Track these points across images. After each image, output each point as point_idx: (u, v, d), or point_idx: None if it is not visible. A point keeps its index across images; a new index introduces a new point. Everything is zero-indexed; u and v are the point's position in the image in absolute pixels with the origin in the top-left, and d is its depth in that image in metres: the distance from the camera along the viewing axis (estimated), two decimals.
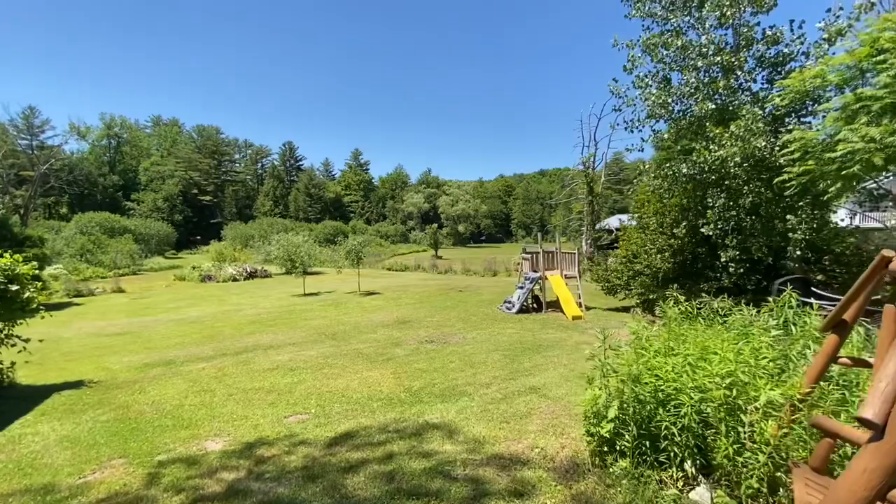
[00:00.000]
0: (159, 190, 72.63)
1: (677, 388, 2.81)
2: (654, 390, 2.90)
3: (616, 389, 3.08)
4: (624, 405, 2.98)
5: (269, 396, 6.16)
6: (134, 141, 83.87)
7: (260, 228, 56.45)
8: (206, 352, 9.84)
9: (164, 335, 12.09)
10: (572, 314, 12.44)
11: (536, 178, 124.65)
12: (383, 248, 56.60)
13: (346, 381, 6.89)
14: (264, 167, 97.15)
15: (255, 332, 12.04)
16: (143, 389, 6.85)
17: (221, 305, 17.81)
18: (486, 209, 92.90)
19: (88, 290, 24.30)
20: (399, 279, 26.92)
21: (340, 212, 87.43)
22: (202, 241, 68.51)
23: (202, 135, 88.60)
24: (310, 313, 14.78)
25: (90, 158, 76.07)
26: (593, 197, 25.31)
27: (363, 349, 9.26)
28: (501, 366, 7.58)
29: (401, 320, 12.73)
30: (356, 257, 20.62)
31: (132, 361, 9.13)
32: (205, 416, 5.42)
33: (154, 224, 55.12)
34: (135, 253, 40.97)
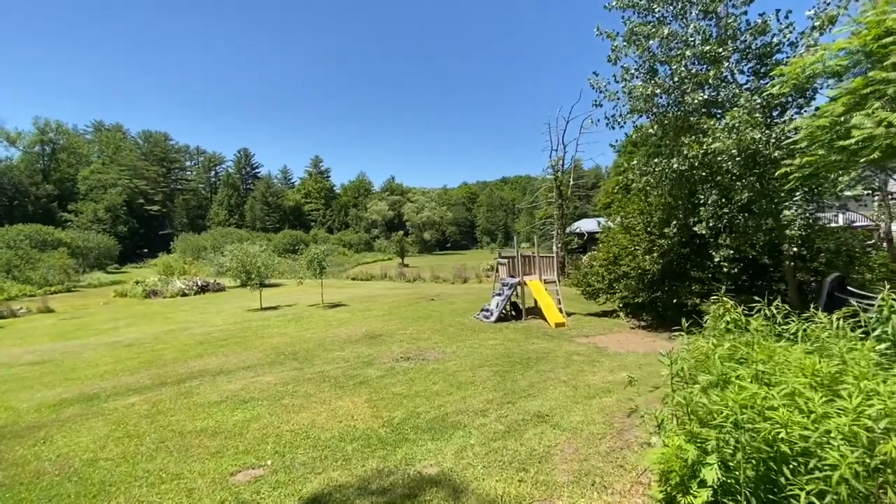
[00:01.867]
0: (100, 200, 67.31)
1: (814, 437, 1.94)
2: (770, 440, 2.04)
3: (714, 439, 2.19)
4: (729, 463, 2.12)
5: (213, 442, 4.90)
6: (72, 147, 77.44)
7: (213, 239, 53.13)
8: (140, 381, 8.33)
9: (92, 362, 10.35)
10: (555, 321, 11.73)
11: (499, 185, 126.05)
12: (347, 257, 54.68)
13: (311, 414, 5.72)
14: (218, 175, 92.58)
15: (202, 354, 10.53)
16: (50, 438, 5.40)
17: (166, 324, 15.93)
18: (451, 216, 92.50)
19: (10, 311, 21.41)
20: (365, 289, 25.56)
21: (300, 221, 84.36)
22: (149, 253, 63.99)
23: (149, 141, 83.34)
24: (267, 330, 13.32)
25: (20, 166, 69.52)
26: (563, 200, 25.08)
27: (330, 371, 8.07)
28: (493, 386, 6.64)
29: (371, 334, 11.58)
30: (319, 267, 19.17)
31: (45, 398, 7.51)
32: (123, 476, 4.13)
33: (93, 236, 50.74)
34: (69, 268, 37.22)
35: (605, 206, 38.57)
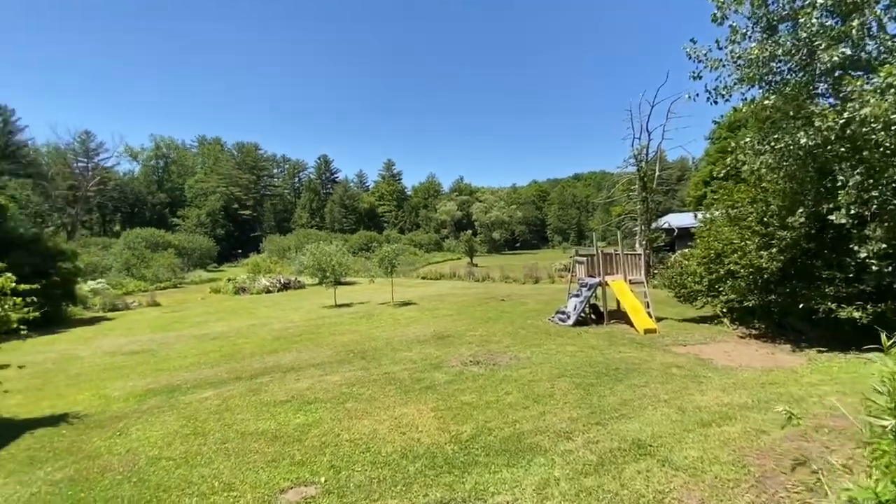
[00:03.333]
0: (202, 206, 74.92)
1: None
2: None
3: None
4: None
5: (271, 447, 4.61)
6: (180, 160, 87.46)
7: (296, 240, 56.65)
8: (218, 375, 8.55)
9: (181, 354, 10.99)
10: (644, 326, 10.38)
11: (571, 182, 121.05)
12: (417, 256, 55.42)
13: (373, 422, 5.28)
14: (301, 181, 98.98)
15: (277, 349, 10.73)
16: (126, 430, 5.51)
17: (249, 319, 16.80)
18: (520, 215, 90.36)
19: (124, 304, 24.16)
20: (434, 288, 25.35)
21: (374, 222, 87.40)
22: (242, 253, 69.81)
23: (242, 151, 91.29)
24: (339, 327, 13.39)
25: (140, 178, 79.73)
26: (647, 193, 22.86)
27: (396, 373, 7.65)
28: (576, 401, 5.74)
29: (439, 335, 11.08)
30: (389, 265, 19.22)
31: (134, 387, 7.93)
32: (178, 480, 3.94)
33: (197, 238, 56.39)
34: (176, 266, 41.60)
35: (697, 200, 34.95)
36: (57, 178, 60.31)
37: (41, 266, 18.08)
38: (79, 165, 66.73)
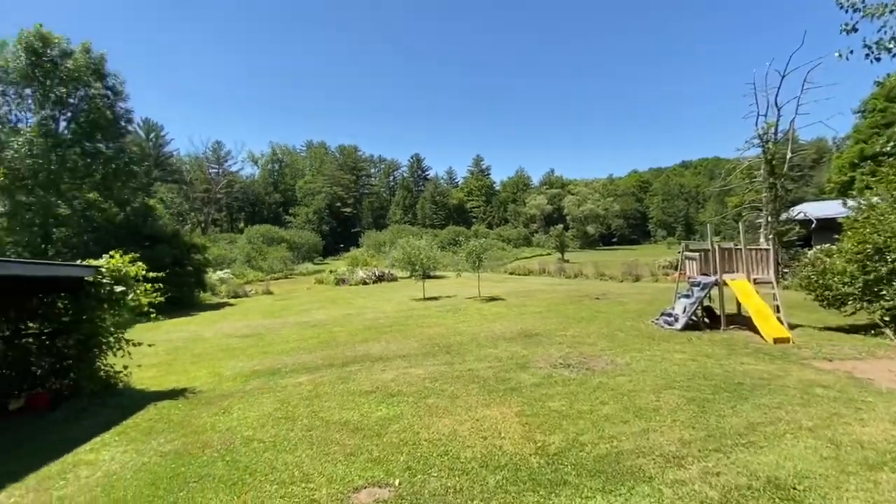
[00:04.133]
0: (310, 204, 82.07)
1: None
2: None
3: None
4: None
5: (352, 440, 4.59)
6: (292, 163, 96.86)
7: (391, 235, 59.38)
8: (314, 361, 9.02)
9: (285, 339, 11.89)
10: (774, 335, 8.76)
11: (678, 170, 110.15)
12: (505, 251, 54.61)
13: (453, 422, 5.02)
14: (395, 179, 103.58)
15: (368, 339, 11.08)
16: (229, 409, 5.95)
17: (346, 308, 17.77)
18: (617, 208, 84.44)
19: (244, 292, 27.25)
20: (522, 284, 24.60)
21: (463, 217, 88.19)
22: (344, 248, 75.08)
23: (343, 153, 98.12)
24: (426, 320, 13.49)
25: (259, 181, 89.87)
26: (776, 179, 19.55)
27: (480, 371, 7.34)
28: (689, 419, 4.90)
29: (526, 332, 10.54)
30: (477, 260, 19.01)
31: (243, 368, 8.68)
32: (264, 465, 4.07)
33: (305, 234, 61.91)
34: (287, 259, 46.15)
35: (842, 187, 29.31)
36: (195, 182, 70.43)
37: (179, 257, 21.08)
38: (211, 171, 77.15)
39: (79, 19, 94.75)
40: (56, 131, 19.67)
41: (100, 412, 6.06)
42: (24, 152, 17.93)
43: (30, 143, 18.00)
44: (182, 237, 23.10)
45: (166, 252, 20.14)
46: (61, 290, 6.76)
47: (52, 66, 18.93)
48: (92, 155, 20.37)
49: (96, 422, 5.65)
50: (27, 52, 18.46)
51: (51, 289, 6.75)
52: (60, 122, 20.02)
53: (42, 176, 18.75)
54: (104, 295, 6.60)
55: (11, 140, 18.04)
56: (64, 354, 6.73)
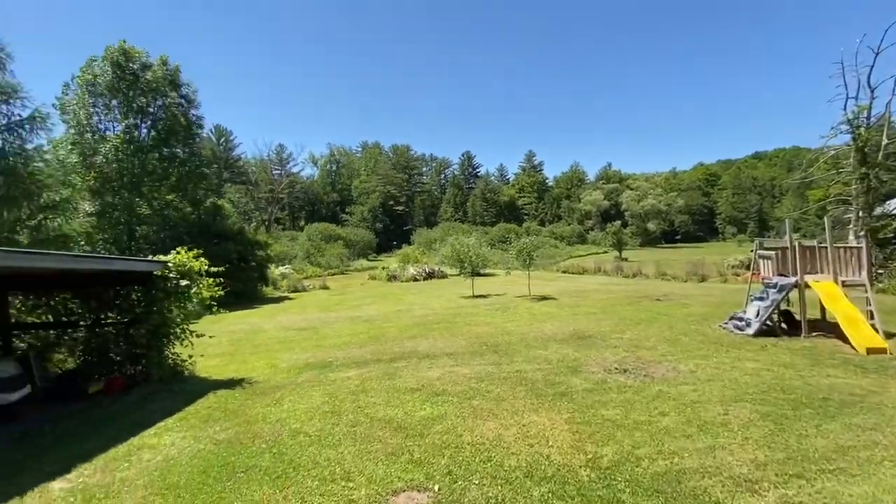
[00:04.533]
0: (365, 203, 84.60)
1: None
2: None
3: None
4: None
5: (394, 438, 4.54)
6: (349, 164, 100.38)
7: (441, 233, 59.77)
8: (363, 355, 9.17)
9: (337, 333, 12.21)
10: (867, 344, 7.72)
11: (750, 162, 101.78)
12: (558, 249, 53.13)
13: (498, 425, 4.83)
14: (446, 177, 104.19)
15: (416, 335, 11.11)
16: (281, 400, 6.15)
17: (397, 305, 18.02)
18: (681, 203, 79.42)
19: (302, 287, 28.51)
20: (576, 283, 23.74)
21: (514, 214, 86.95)
22: (396, 245, 76.68)
23: (396, 153, 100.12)
24: (474, 318, 13.33)
25: (318, 181, 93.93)
26: (868, 169, 17.32)
27: (528, 372, 7.07)
28: (763, 437, 4.38)
29: (579, 334, 10.07)
30: (527, 257, 18.54)
31: (297, 360, 8.98)
32: (307, 460, 4.11)
33: (360, 232, 63.93)
34: (343, 256, 47.86)
35: None
36: (260, 183, 74.86)
37: (244, 253, 22.44)
38: (274, 172, 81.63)
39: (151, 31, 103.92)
40: (138, 138, 21.60)
41: (166, 398, 6.49)
42: (111, 157, 19.87)
43: (115, 149, 19.93)
44: (247, 235, 24.58)
45: (232, 248, 21.52)
46: (135, 284, 7.32)
47: (133, 79, 20.81)
48: (168, 159, 22.20)
49: (162, 407, 6.05)
50: (113, 67, 20.42)
51: (126, 282, 7.34)
52: (142, 129, 21.95)
53: (126, 179, 20.69)
54: (171, 288, 7.06)
55: (100, 147, 20.04)
56: (137, 343, 7.29)
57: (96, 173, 20.15)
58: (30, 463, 4.33)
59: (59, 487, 3.73)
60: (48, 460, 4.35)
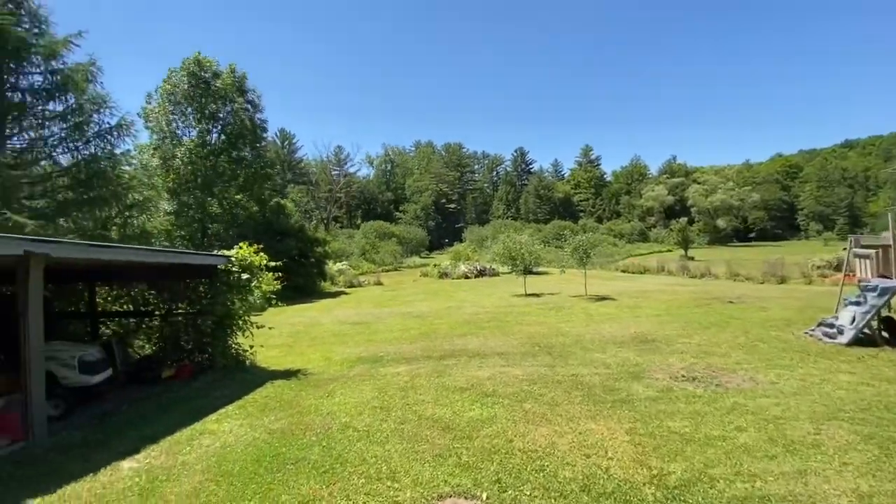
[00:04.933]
0: (418, 201, 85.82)
1: None
2: None
3: None
4: None
5: (442, 439, 4.40)
6: (402, 163, 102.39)
7: (492, 230, 59.26)
8: (413, 351, 9.17)
9: (389, 328, 12.36)
10: None
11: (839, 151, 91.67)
12: (617, 247, 50.80)
13: (552, 432, 4.55)
14: (498, 174, 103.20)
15: (467, 333, 10.98)
16: (333, 392, 6.24)
17: (448, 301, 18.00)
18: (756, 198, 72.94)
19: (358, 282, 29.39)
20: (637, 283, 22.48)
21: (569, 211, 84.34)
22: (448, 243, 77.06)
23: (448, 151, 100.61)
24: (527, 317, 12.96)
25: (374, 181, 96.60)
26: None
27: (585, 376, 6.67)
28: (865, 462, 3.77)
29: (641, 337, 9.43)
30: (584, 255, 17.78)
31: (349, 354, 9.15)
32: (354, 456, 4.08)
33: (413, 229, 64.96)
34: (397, 253, 48.86)
35: None
36: (320, 183, 78.19)
37: (304, 250, 23.46)
38: (333, 173, 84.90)
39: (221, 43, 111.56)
40: (210, 142, 23.22)
41: (228, 385, 6.83)
42: (186, 160, 21.51)
43: (190, 153, 21.55)
44: (306, 232, 25.68)
45: (293, 245, 22.58)
46: (201, 277, 7.78)
47: (206, 87, 22.37)
48: (236, 161, 23.68)
49: (224, 394, 6.36)
50: (189, 76, 22.08)
51: (194, 275, 7.82)
52: (213, 133, 23.56)
53: (200, 180, 22.31)
54: (233, 281, 7.43)
55: (177, 150, 21.77)
56: (204, 332, 7.75)
57: (174, 175, 21.92)
58: (106, 442, 4.67)
59: (127, 467, 3.97)
60: (122, 440, 4.67)
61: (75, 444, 4.58)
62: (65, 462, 4.12)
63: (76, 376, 5.82)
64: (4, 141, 12.56)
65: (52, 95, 12.75)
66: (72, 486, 3.58)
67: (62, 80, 12.61)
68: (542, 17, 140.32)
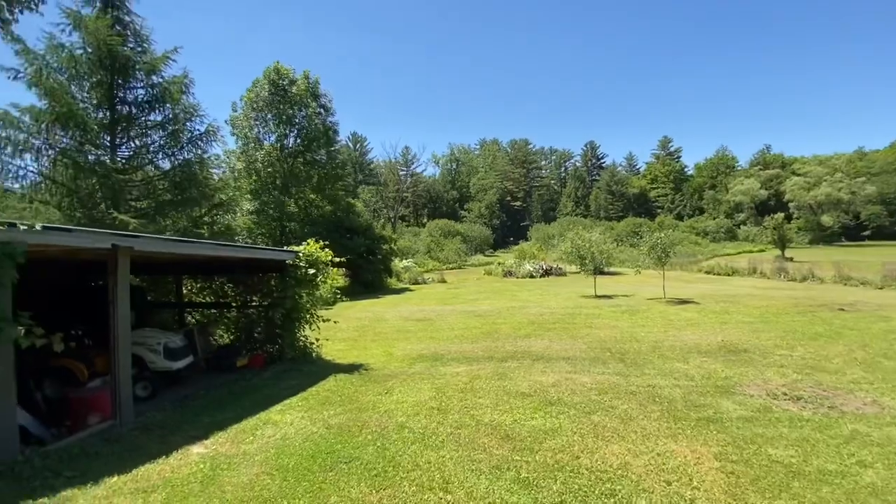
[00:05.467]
0: (482, 200, 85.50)
1: None
2: None
3: None
4: None
5: (500, 449, 4.10)
6: (468, 162, 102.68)
7: (559, 228, 57.33)
8: (475, 351, 8.94)
9: (451, 326, 12.23)
10: None
11: None
12: (700, 246, 46.88)
13: (625, 450, 4.07)
14: (567, 170, 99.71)
15: (530, 334, 10.53)
16: (391, 390, 6.18)
17: (511, 301, 17.55)
18: (871, 190, 63.16)
19: (422, 280, 29.75)
20: (725, 285, 20.37)
21: (645, 207, 79.21)
22: (513, 241, 75.90)
23: (514, 148, 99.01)
24: (596, 320, 12.17)
25: (439, 180, 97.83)
26: None
27: (664, 389, 6.00)
28: None
29: (729, 347, 8.41)
30: (662, 254, 16.41)
31: (411, 351, 9.13)
32: (408, 460, 3.92)
33: (477, 228, 64.83)
34: (461, 251, 48.99)
35: None
36: (388, 183, 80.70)
37: (371, 247, 24.19)
38: (401, 173, 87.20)
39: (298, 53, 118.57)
40: (287, 145, 24.73)
41: (295, 376, 7.05)
42: (266, 163, 23.08)
43: (269, 156, 23.09)
44: (374, 230, 26.48)
45: (361, 242, 23.36)
46: (273, 271, 8.14)
47: (283, 94, 23.82)
48: (310, 163, 24.99)
49: (290, 384, 6.56)
50: (269, 85, 23.64)
51: (266, 270, 8.20)
52: (290, 137, 25.06)
53: (278, 181, 23.85)
54: (301, 276, 7.69)
55: (258, 154, 23.46)
56: (274, 324, 8.11)
57: (256, 177, 23.64)
58: (181, 425, 4.96)
59: (196, 452, 4.15)
60: (195, 425, 4.93)
61: (156, 426, 4.91)
62: (144, 442, 4.41)
63: (161, 361, 6.31)
64: (116, 149, 14.22)
65: (153, 107, 14.20)
66: (145, 468, 3.79)
67: (161, 92, 14.01)
68: (618, 4, 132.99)
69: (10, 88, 20.63)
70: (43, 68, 12.02)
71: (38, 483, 3.45)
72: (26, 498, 3.20)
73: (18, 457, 3.74)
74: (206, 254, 6.25)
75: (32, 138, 12.17)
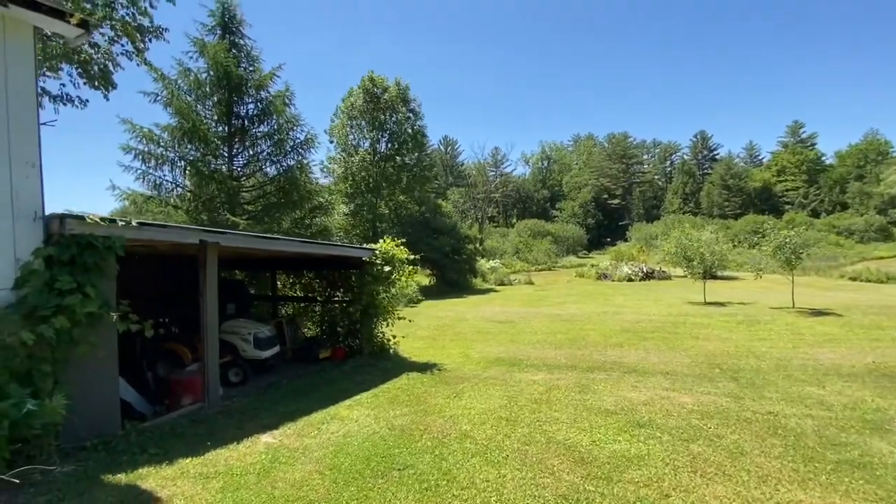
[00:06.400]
0: (576, 198, 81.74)
1: None
2: None
3: None
4: None
5: (570, 475, 3.56)
6: (560, 159, 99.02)
7: (664, 227, 52.36)
8: (556, 358, 8.30)
9: (534, 329, 11.64)
10: None
11: None
12: (842, 248, 39.45)
13: (731, 494, 3.28)
14: (673, 164, 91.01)
15: (623, 343, 9.55)
16: (461, 394, 5.90)
17: (603, 305, 16.28)
18: None
19: (508, 280, 29.14)
20: (875, 294, 16.72)
21: (770, 203, 68.97)
22: (610, 242, 71.29)
23: (612, 142, 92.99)
24: (704, 331, 10.66)
25: (529, 179, 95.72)
26: None
27: (790, 419, 4.88)
28: None
29: (883, 370, 6.73)
30: (791, 256, 13.91)
31: (488, 353, 8.79)
32: (464, 474, 3.57)
33: (570, 228, 62.12)
34: (551, 252, 47.20)
35: None
36: (477, 184, 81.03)
37: (456, 246, 24.31)
38: (489, 173, 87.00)
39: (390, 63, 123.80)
40: (379, 150, 25.93)
41: (369, 371, 7.13)
42: (360, 167, 24.41)
43: (363, 160, 24.38)
44: (459, 230, 26.61)
45: (446, 242, 23.58)
46: (353, 268, 8.38)
47: (376, 101, 25.02)
48: (400, 166, 25.89)
49: (364, 379, 6.62)
50: (364, 93, 24.99)
51: (348, 266, 8.47)
52: (381, 142, 26.24)
53: (372, 184, 25.09)
54: (377, 273, 7.78)
55: (354, 159, 24.92)
56: (354, 319, 8.34)
57: (352, 181, 25.16)
58: (259, 412, 5.22)
59: (264, 442, 4.28)
60: (270, 413, 5.15)
61: (237, 411, 5.22)
62: (223, 427, 4.68)
63: (251, 350, 6.78)
64: (233, 159, 16.02)
65: (261, 119, 15.73)
66: (216, 452, 3.98)
67: (268, 105, 15.47)
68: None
69: (138, 109, 25.15)
70: (175, 91, 13.96)
71: (125, 458, 3.79)
72: (108, 472, 3.51)
73: (119, 432, 4.17)
74: (287, 250, 6.58)
75: (168, 152, 14.21)
